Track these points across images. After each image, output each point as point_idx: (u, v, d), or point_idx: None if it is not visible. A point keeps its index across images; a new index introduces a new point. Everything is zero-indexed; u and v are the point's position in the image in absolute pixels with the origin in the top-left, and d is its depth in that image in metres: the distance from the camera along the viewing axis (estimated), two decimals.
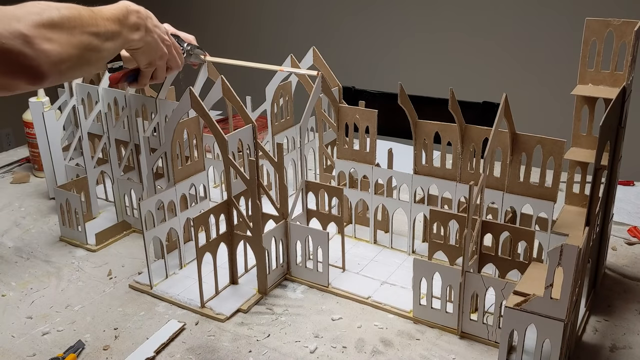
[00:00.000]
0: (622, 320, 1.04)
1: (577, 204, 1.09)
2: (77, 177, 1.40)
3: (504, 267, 1.02)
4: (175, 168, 1.13)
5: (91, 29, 0.81)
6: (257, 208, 1.07)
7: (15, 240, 1.35)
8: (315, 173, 1.51)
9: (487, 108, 1.84)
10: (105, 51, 0.87)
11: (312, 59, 1.29)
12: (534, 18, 2.58)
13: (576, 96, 1.05)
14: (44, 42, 0.72)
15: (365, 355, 0.97)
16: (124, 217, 1.37)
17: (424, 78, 2.82)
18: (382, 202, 1.24)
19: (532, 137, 1.04)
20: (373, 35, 2.97)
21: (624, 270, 1.19)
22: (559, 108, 2.48)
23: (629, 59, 0.98)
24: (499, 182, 1.09)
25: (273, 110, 1.36)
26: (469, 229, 0.94)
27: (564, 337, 0.83)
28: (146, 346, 0.99)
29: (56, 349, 1.00)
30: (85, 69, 0.85)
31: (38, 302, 1.13)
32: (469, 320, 0.99)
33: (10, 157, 1.80)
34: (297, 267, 1.16)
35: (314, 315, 1.07)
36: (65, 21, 0.75)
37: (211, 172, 1.54)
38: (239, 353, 0.98)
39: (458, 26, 2.75)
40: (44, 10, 0.74)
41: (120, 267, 1.23)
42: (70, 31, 0.76)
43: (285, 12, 3.15)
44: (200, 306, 1.08)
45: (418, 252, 1.24)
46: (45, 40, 0.72)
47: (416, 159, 1.18)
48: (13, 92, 0.77)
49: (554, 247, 0.78)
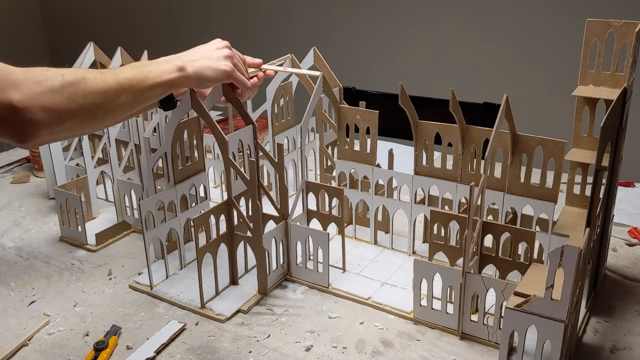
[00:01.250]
0: (622, 322, 1.04)
1: (578, 205, 1.09)
2: (77, 177, 1.40)
3: (505, 268, 1.02)
4: (175, 168, 1.13)
5: (95, 89, 0.80)
6: (258, 208, 1.07)
7: (15, 240, 1.35)
8: (315, 173, 1.51)
9: (487, 109, 1.84)
10: (119, 105, 0.85)
11: (313, 59, 1.29)
12: (535, 19, 2.58)
13: (577, 97, 1.05)
14: (37, 112, 0.72)
15: (365, 355, 0.97)
16: (124, 217, 1.37)
17: (425, 79, 2.81)
18: (382, 202, 1.24)
19: (533, 138, 1.04)
20: (374, 35, 2.97)
21: (625, 272, 1.19)
22: (559, 109, 2.48)
23: (630, 60, 0.98)
24: (499, 183, 1.09)
25: (273, 110, 1.36)
26: (469, 229, 0.94)
27: (564, 338, 0.83)
28: (146, 346, 0.99)
29: (57, 349, 1.00)
30: (93, 123, 0.84)
31: (38, 302, 1.13)
32: (469, 321, 0.99)
33: (10, 157, 1.80)
34: (297, 268, 1.16)
35: (314, 315, 1.07)
36: (66, 87, 0.75)
37: (211, 173, 1.54)
38: (239, 353, 0.98)
39: (459, 27, 2.75)
40: (47, 79, 0.74)
41: (120, 267, 1.23)
42: (70, 97, 0.76)
43: (285, 12, 3.15)
44: (200, 306, 1.08)
45: (418, 253, 1.24)
46: (39, 110, 0.72)
47: (417, 159, 1.18)
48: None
49: (555, 248, 0.78)
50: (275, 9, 3.18)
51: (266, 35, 3.25)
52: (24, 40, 3.74)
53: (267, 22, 3.22)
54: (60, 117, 0.76)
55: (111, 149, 1.34)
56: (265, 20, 3.22)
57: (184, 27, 3.39)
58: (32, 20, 3.80)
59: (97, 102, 0.81)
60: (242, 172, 1.08)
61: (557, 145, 1.02)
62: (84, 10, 3.73)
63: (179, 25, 3.42)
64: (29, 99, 0.71)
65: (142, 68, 0.90)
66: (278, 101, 1.37)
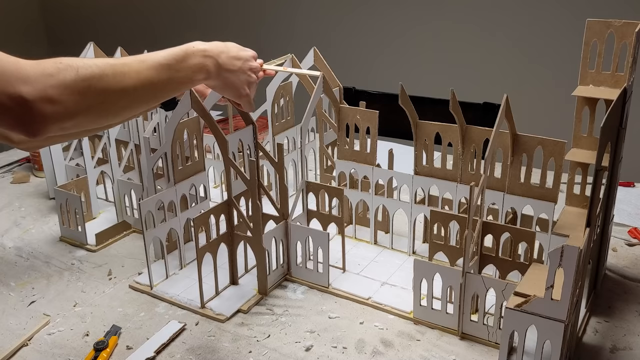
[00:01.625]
0: (622, 322, 1.04)
1: (578, 205, 1.09)
2: (77, 177, 1.40)
3: (505, 268, 1.02)
4: (175, 168, 1.13)
5: (112, 87, 0.77)
6: (258, 208, 1.07)
7: (15, 240, 1.35)
8: (315, 173, 1.51)
9: (487, 109, 1.83)
10: (136, 102, 0.83)
11: (313, 59, 1.29)
12: (535, 19, 2.57)
13: (577, 97, 1.05)
14: (46, 105, 0.70)
15: (365, 355, 0.97)
16: (124, 217, 1.37)
17: (425, 79, 2.81)
18: (382, 202, 1.24)
19: (533, 138, 1.04)
20: (374, 35, 2.97)
21: (625, 272, 1.19)
22: (559, 109, 2.47)
23: (630, 60, 0.98)
24: (499, 183, 1.09)
25: (274, 110, 1.36)
26: (469, 229, 0.94)
27: (564, 338, 0.83)
28: (146, 346, 0.99)
29: (57, 349, 1.00)
30: (105, 119, 0.82)
31: (38, 302, 1.13)
32: (469, 321, 0.99)
33: (10, 157, 1.80)
34: (297, 268, 1.16)
35: (314, 315, 1.07)
36: (79, 82, 0.73)
37: (211, 173, 1.54)
38: (239, 353, 0.98)
39: (459, 27, 2.75)
40: (59, 72, 0.72)
41: (120, 267, 1.23)
42: (83, 92, 0.73)
43: (286, 12, 3.15)
44: (200, 306, 1.08)
45: (418, 253, 1.24)
46: (49, 103, 0.70)
47: (417, 159, 1.18)
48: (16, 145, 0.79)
49: (555, 248, 0.78)
50: (276, 9, 3.18)
51: (266, 35, 3.25)
52: (24, 39, 3.74)
53: (267, 22, 3.22)
54: (70, 112, 0.73)
55: (111, 149, 1.34)
56: (266, 20, 3.22)
57: (184, 26, 3.39)
58: (32, 19, 3.80)
59: (112, 100, 0.78)
60: (242, 172, 1.08)
61: (557, 145, 1.02)
62: (84, 9, 3.73)
63: (179, 25, 3.42)
64: (41, 92, 0.69)
65: (171, 68, 0.86)
66: (278, 101, 1.37)
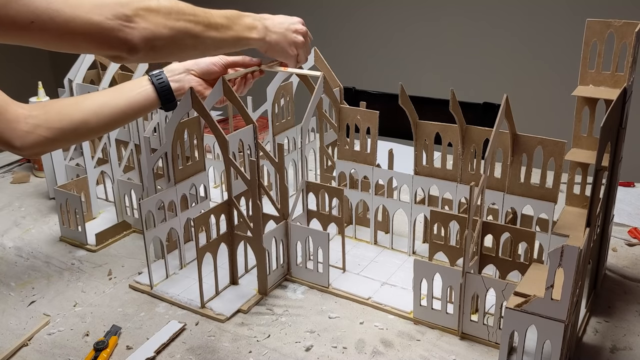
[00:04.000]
0: (622, 322, 1.04)
1: (578, 205, 1.09)
2: (77, 177, 1.40)
3: (505, 268, 1.02)
4: (175, 168, 1.13)
5: (187, 17, 0.94)
6: (258, 208, 1.07)
7: (15, 240, 1.35)
8: (315, 173, 1.51)
9: (487, 109, 1.84)
10: (207, 39, 0.98)
11: (313, 59, 1.29)
12: (535, 19, 2.58)
13: (577, 97, 1.05)
14: (141, 20, 0.88)
15: (365, 355, 0.97)
16: (124, 217, 1.37)
17: (425, 79, 2.82)
18: (382, 202, 1.24)
19: (532, 138, 1.04)
20: (374, 35, 2.97)
21: (625, 272, 1.19)
22: (559, 109, 2.48)
23: (630, 60, 0.98)
24: (499, 183, 1.09)
25: (274, 110, 1.36)
26: (469, 229, 0.94)
27: (564, 338, 0.83)
28: (146, 346, 0.99)
29: (57, 349, 1.00)
30: (183, 51, 0.97)
31: (38, 302, 1.13)
32: (469, 321, 0.99)
33: (10, 157, 1.80)
34: (297, 268, 1.16)
35: (314, 315, 1.07)
36: (162, 8, 0.91)
37: (211, 172, 1.54)
38: (239, 353, 0.98)
39: (459, 27, 2.75)
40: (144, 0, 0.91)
41: (120, 267, 1.23)
42: (165, 16, 0.91)
43: (286, 12, 3.15)
44: (200, 306, 1.08)
45: (418, 253, 1.24)
46: (142, 19, 0.88)
47: (417, 159, 1.18)
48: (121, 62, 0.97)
49: (555, 248, 0.78)
50: (276, 9, 3.18)
51: None
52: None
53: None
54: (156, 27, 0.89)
55: (111, 149, 1.34)
56: None
57: None
58: None
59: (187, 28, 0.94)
60: (242, 172, 1.08)
61: (557, 145, 1.02)
62: None
63: None
64: (135, 10, 0.87)
65: (230, 20, 1.02)
66: (278, 101, 1.37)
